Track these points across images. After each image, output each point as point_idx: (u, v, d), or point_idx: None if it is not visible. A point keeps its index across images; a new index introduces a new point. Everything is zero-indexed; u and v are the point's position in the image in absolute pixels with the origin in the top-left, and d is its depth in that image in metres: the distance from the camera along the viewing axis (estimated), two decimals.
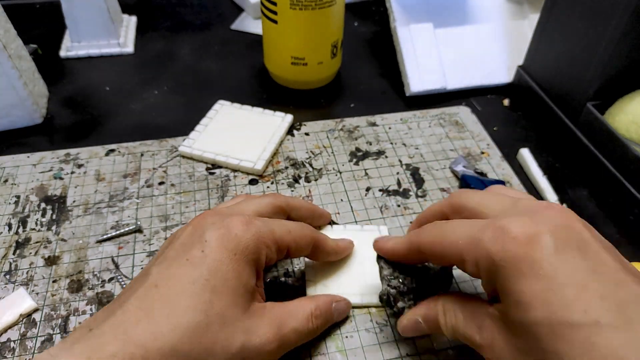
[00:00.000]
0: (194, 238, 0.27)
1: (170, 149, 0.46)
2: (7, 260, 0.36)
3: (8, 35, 0.45)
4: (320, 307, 0.30)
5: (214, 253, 0.26)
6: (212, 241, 0.27)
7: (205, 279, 0.25)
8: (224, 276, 0.26)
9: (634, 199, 0.39)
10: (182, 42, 0.61)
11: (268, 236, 0.28)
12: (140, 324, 0.24)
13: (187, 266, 0.26)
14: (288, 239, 0.29)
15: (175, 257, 0.27)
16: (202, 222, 0.28)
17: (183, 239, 0.28)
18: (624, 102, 0.41)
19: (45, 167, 0.44)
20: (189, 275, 0.26)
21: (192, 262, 0.26)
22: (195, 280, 0.25)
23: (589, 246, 0.22)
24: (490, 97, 0.53)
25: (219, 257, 0.26)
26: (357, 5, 0.67)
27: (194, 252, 0.26)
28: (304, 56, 0.49)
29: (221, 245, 0.26)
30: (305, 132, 0.48)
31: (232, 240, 0.27)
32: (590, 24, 0.41)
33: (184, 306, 0.25)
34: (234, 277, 0.26)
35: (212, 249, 0.26)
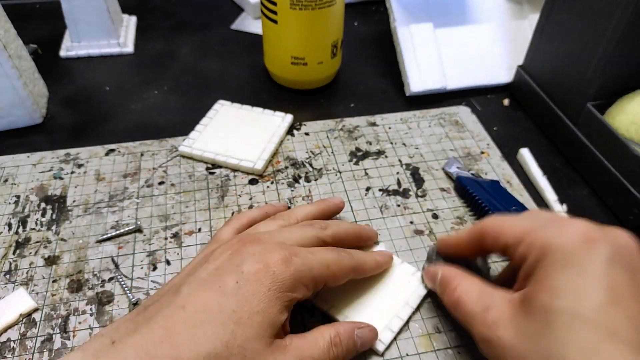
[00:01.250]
0: (231, 266, 0.27)
1: (170, 148, 0.46)
2: (7, 260, 0.36)
3: (8, 35, 0.45)
4: (341, 334, 0.29)
5: (248, 286, 0.26)
6: (249, 274, 0.26)
7: (232, 310, 0.25)
8: (253, 309, 0.25)
9: (633, 198, 0.39)
10: (182, 42, 0.61)
11: (306, 275, 0.28)
12: (163, 345, 0.24)
13: (219, 294, 0.26)
14: (326, 275, 0.29)
15: (208, 281, 0.26)
16: (243, 250, 0.28)
17: (219, 263, 0.27)
18: (624, 102, 0.41)
19: (45, 167, 0.44)
20: (218, 303, 0.25)
21: (224, 290, 0.26)
22: (223, 310, 0.25)
23: (638, 273, 0.23)
24: (490, 97, 0.53)
25: (252, 291, 0.26)
26: (357, 5, 0.67)
27: (228, 281, 0.26)
28: (304, 56, 0.49)
29: (257, 280, 0.26)
30: (305, 132, 0.48)
31: (269, 277, 0.26)
32: (590, 23, 0.41)
33: (207, 334, 0.24)
34: (262, 312, 0.26)
35: (247, 282, 0.26)
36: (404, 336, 0.32)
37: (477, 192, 0.40)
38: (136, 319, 0.26)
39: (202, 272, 0.27)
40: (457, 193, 0.42)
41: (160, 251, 0.37)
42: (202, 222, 0.39)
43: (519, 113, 0.51)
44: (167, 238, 0.38)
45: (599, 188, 0.43)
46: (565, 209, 0.41)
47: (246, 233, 0.32)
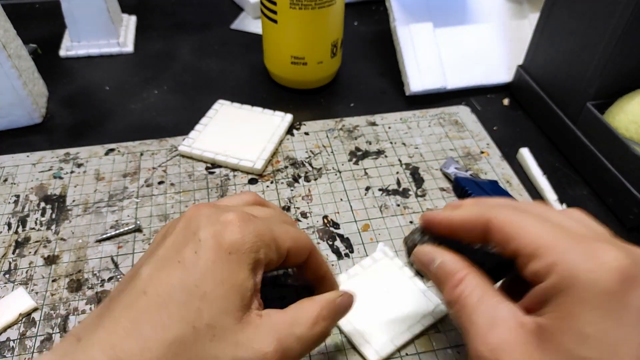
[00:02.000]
0: (187, 235, 0.25)
1: (170, 148, 0.46)
2: (7, 259, 0.36)
3: (7, 35, 0.45)
4: (325, 307, 0.26)
5: (207, 253, 0.24)
6: (206, 240, 0.24)
7: (195, 285, 0.23)
8: (216, 279, 0.23)
9: (633, 198, 0.39)
10: (181, 42, 0.61)
11: (267, 234, 0.25)
12: (128, 338, 0.22)
13: (178, 269, 0.24)
14: (287, 239, 0.26)
15: (167, 258, 0.24)
16: (196, 215, 0.25)
17: (175, 236, 0.25)
18: (623, 101, 0.41)
19: (45, 166, 0.44)
20: (180, 279, 0.23)
21: (183, 264, 0.24)
22: (185, 286, 0.23)
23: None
24: (490, 96, 0.53)
25: (212, 258, 0.24)
26: (357, 5, 0.67)
27: (187, 253, 0.24)
28: (304, 56, 0.49)
29: (215, 244, 0.24)
30: (304, 131, 0.48)
31: (227, 238, 0.24)
32: (590, 23, 0.41)
33: (172, 317, 0.22)
34: (227, 281, 0.23)
35: (205, 250, 0.24)
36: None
37: (476, 192, 0.40)
38: (101, 312, 0.24)
39: (160, 249, 0.25)
40: (455, 193, 0.42)
41: None
42: None
43: (518, 113, 0.51)
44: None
45: (599, 188, 0.43)
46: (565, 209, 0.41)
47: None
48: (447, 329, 0.33)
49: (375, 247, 0.37)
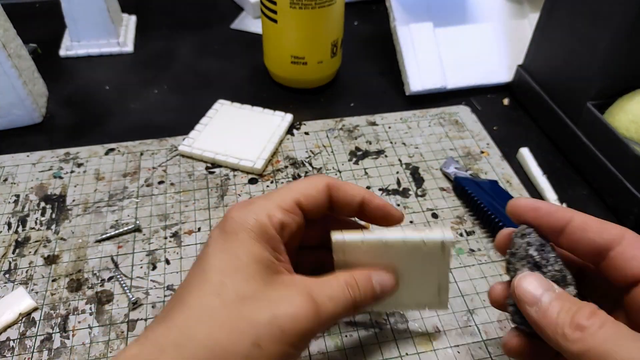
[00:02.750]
0: (206, 241, 0.27)
1: (170, 148, 0.46)
2: (7, 259, 0.36)
3: (7, 35, 0.45)
4: (357, 277, 0.26)
5: (216, 243, 0.25)
6: (214, 235, 0.26)
7: (211, 265, 0.24)
8: (231, 257, 0.24)
9: (634, 198, 0.38)
10: (181, 42, 0.61)
11: (269, 206, 0.26)
12: (159, 325, 0.23)
13: (195, 265, 0.26)
14: (292, 197, 0.27)
15: (194, 263, 0.26)
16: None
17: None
18: (624, 101, 0.41)
19: (45, 166, 0.44)
20: (197, 270, 0.25)
21: (200, 259, 0.25)
22: (202, 271, 0.24)
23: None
24: (490, 96, 0.53)
25: (220, 244, 0.25)
26: (357, 5, 0.67)
27: (203, 251, 0.26)
28: (304, 55, 0.49)
29: (221, 232, 0.25)
30: (305, 131, 0.48)
31: (230, 224, 0.25)
32: (590, 23, 0.41)
33: (195, 295, 0.24)
34: (243, 255, 0.24)
35: (214, 240, 0.25)
36: (404, 335, 0.32)
37: (476, 192, 0.40)
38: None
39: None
40: (455, 193, 0.42)
41: (160, 250, 0.37)
42: (201, 221, 0.39)
43: (518, 112, 0.51)
44: (167, 237, 0.38)
45: (599, 187, 0.43)
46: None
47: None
48: (447, 328, 0.33)
49: None
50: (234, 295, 0.23)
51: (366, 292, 0.27)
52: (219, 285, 0.23)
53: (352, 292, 0.26)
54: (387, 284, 0.28)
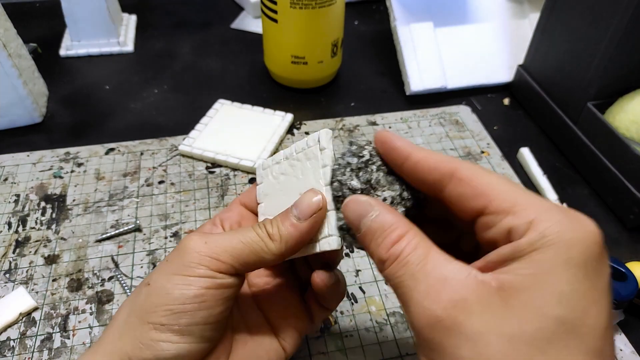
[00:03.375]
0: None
1: (170, 147, 0.46)
2: (7, 259, 0.36)
3: (8, 34, 0.45)
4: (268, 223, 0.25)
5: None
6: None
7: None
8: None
9: (634, 197, 0.38)
10: (182, 41, 0.61)
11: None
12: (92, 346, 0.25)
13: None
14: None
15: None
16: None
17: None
18: (624, 101, 0.41)
19: (45, 165, 0.44)
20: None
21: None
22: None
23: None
24: (491, 96, 0.53)
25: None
26: (357, 4, 0.67)
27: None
28: (304, 55, 0.49)
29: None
30: (305, 131, 0.48)
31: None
32: (590, 23, 0.41)
33: (113, 333, 0.25)
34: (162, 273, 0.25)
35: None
36: (404, 335, 0.32)
37: None
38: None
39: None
40: None
41: (160, 250, 0.37)
42: (202, 221, 0.39)
43: (519, 112, 0.51)
44: (167, 237, 0.38)
45: (599, 187, 0.43)
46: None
47: None
48: None
49: None
50: (156, 284, 0.25)
51: (289, 233, 0.25)
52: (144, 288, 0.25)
53: (268, 243, 0.25)
54: (306, 206, 0.25)
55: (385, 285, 0.35)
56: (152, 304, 0.24)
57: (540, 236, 0.19)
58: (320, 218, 0.25)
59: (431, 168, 0.22)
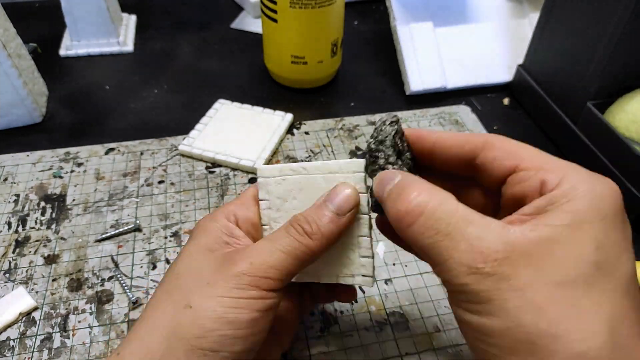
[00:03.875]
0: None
1: (170, 147, 0.46)
2: (7, 258, 0.36)
3: (7, 34, 0.45)
4: (302, 219, 0.25)
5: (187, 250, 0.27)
6: (187, 243, 0.27)
7: (170, 281, 0.25)
8: (190, 259, 0.25)
9: (634, 197, 0.38)
10: (181, 41, 0.61)
11: (227, 206, 0.27)
12: (130, 341, 0.24)
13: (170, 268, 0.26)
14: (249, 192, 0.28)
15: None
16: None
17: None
18: (624, 101, 0.41)
19: (45, 165, 0.44)
20: (166, 278, 0.26)
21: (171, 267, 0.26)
22: (170, 277, 0.25)
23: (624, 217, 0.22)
24: (490, 96, 0.53)
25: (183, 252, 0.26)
26: (357, 4, 0.67)
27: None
28: (304, 55, 0.49)
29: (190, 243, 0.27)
30: (305, 130, 0.48)
31: (193, 232, 0.27)
32: (590, 23, 0.41)
33: (158, 311, 0.24)
34: (196, 252, 0.25)
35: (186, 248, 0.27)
36: (404, 335, 0.32)
37: None
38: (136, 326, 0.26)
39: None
40: None
41: (160, 250, 0.37)
42: None
43: (519, 112, 0.51)
44: (167, 237, 0.38)
45: None
46: None
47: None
48: (447, 328, 0.33)
49: (375, 246, 0.37)
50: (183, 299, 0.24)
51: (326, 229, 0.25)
52: (175, 286, 0.24)
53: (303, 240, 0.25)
54: (344, 199, 0.26)
55: (385, 285, 0.35)
56: (201, 329, 0.22)
57: (572, 189, 0.20)
58: (355, 213, 0.25)
59: (462, 142, 0.25)
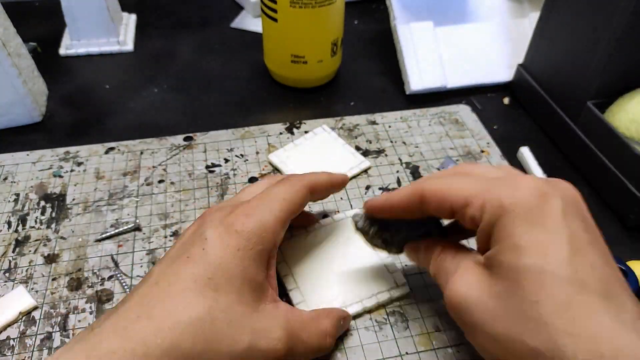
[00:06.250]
0: (195, 236, 0.27)
1: (170, 147, 0.46)
2: (7, 258, 0.36)
3: (7, 34, 0.45)
4: (335, 325, 0.29)
5: (215, 250, 0.25)
6: (212, 239, 0.26)
7: (208, 277, 0.25)
8: (228, 274, 0.25)
9: (634, 197, 0.38)
10: (181, 40, 0.61)
11: (269, 220, 0.27)
12: (140, 320, 0.23)
13: (189, 263, 0.25)
14: (287, 207, 0.28)
15: (177, 256, 0.26)
16: (205, 219, 0.28)
17: (185, 238, 0.28)
18: (624, 100, 0.41)
19: (45, 165, 0.44)
20: (190, 272, 0.25)
21: (192, 259, 0.25)
22: (197, 278, 0.25)
23: (589, 222, 0.24)
24: (491, 95, 0.53)
25: (220, 254, 0.25)
26: (357, 4, 0.67)
27: (195, 250, 0.26)
28: (304, 54, 0.49)
29: (222, 242, 0.26)
30: (305, 130, 0.48)
31: (234, 237, 0.26)
32: (590, 22, 0.41)
33: (186, 303, 0.24)
34: (239, 275, 0.25)
35: (212, 247, 0.26)
36: (404, 334, 0.32)
37: None
38: (115, 307, 0.26)
39: (171, 251, 0.27)
40: None
41: (160, 249, 0.37)
42: None
43: (519, 111, 0.51)
44: (167, 236, 0.38)
45: (599, 187, 0.43)
46: None
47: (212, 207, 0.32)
48: (447, 328, 0.33)
49: None
50: (223, 315, 0.24)
51: (336, 336, 0.30)
52: (211, 299, 0.24)
53: (328, 341, 0.28)
54: (345, 328, 0.31)
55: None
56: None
57: (491, 214, 0.24)
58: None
59: (405, 201, 0.28)
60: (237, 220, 0.27)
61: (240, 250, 0.26)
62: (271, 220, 0.27)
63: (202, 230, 0.27)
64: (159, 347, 0.22)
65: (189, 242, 0.27)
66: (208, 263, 0.25)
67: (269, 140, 0.46)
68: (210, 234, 0.26)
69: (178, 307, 0.24)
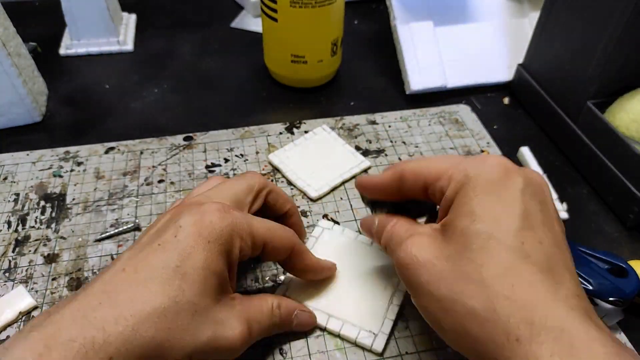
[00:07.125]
0: (169, 224, 0.26)
1: (170, 146, 0.46)
2: (7, 257, 0.36)
3: (7, 33, 0.45)
4: (282, 307, 0.30)
5: (187, 238, 0.25)
6: (186, 227, 0.26)
7: (176, 265, 0.24)
8: (196, 264, 0.25)
9: (634, 197, 0.38)
10: (181, 40, 0.61)
11: (244, 228, 0.27)
12: (102, 307, 0.23)
13: (158, 251, 0.25)
14: (265, 235, 0.28)
15: (148, 243, 0.26)
16: (179, 209, 0.27)
17: (158, 226, 0.27)
18: (624, 100, 0.41)
19: (45, 165, 0.44)
20: (159, 259, 0.25)
21: (163, 246, 0.25)
22: (165, 266, 0.24)
23: (548, 206, 0.25)
24: (491, 95, 0.53)
25: (191, 243, 0.25)
26: (357, 3, 0.67)
27: (167, 237, 0.25)
28: (304, 54, 0.49)
29: (195, 231, 0.25)
30: (304, 130, 0.48)
31: (207, 227, 0.26)
32: (590, 22, 0.41)
33: (152, 291, 0.24)
34: (206, 266, 0.25)
35: (185, 235, 0.25)
36: (404, 334, 0.32)
37: None
38: (75, 293, 0.25)
39: (142, 238, 0.27)
40: None
41: None
42: None
43: (519, 111, 0.51)
44: None
45: (599, 186, 0.43)
46: (565, 208, 0.41)
47: (188, 197, 0.31)
48: None
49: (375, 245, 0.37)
50: (188, 305, 0.24)
51: (283, 323, 0.30)
52: (177, 289, 0.24)
53: (273, 319, 0.29)
54: (304, 323, 0.31)
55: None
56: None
57: (456, 183, 0.26)
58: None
59: (387, 180, 0.29)
60: (214, 213, 0.26)
61: (210, 243, 0.26)
62: (246, 229, 0.27)
63: (176, 218, 0.26)
64: (120, 334, 0.22)
65: (162, 229, 0.26)
66: (178, 251, 0.25)
67: (269, 140, 0.46)
68: (184, 221, 0.26)
69: (143, 295, 0.23)
